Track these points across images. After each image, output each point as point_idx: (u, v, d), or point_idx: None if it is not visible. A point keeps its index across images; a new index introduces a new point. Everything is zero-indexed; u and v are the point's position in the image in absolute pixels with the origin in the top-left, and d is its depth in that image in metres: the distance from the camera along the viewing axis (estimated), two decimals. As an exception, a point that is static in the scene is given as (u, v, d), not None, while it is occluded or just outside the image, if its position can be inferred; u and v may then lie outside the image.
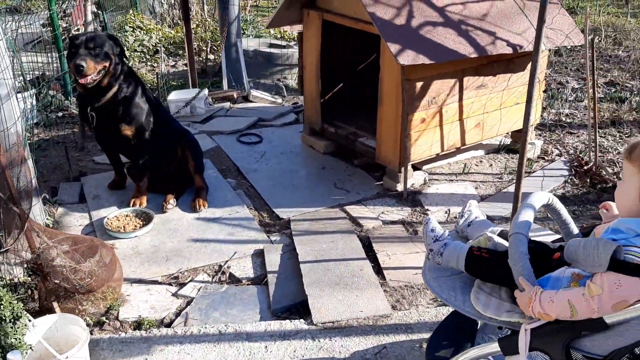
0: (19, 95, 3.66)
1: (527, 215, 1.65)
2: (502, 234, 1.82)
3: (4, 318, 2.04)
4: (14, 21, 4.99)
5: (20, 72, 4.89)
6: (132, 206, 3.58)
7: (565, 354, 1.55)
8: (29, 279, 2.93)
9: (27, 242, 2.49)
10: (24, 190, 2.36)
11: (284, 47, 6.65)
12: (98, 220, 3.51)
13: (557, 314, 1.51)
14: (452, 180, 4.05)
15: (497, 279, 1.69)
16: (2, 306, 2.04)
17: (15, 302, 2.11)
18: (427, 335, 2.47)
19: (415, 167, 4.04)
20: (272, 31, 7.58)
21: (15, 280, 2.90)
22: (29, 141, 3.40)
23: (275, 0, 10.15)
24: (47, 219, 3.43)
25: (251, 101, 5.59)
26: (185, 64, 6.59)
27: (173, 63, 6.86)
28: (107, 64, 3.29)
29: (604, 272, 1.43)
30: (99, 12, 6.16)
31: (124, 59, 3.44)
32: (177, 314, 2.76)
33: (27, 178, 2.27)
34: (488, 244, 1.77)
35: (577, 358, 1.61)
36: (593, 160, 4.10)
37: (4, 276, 2.81)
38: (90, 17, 4.12)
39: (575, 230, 1.87)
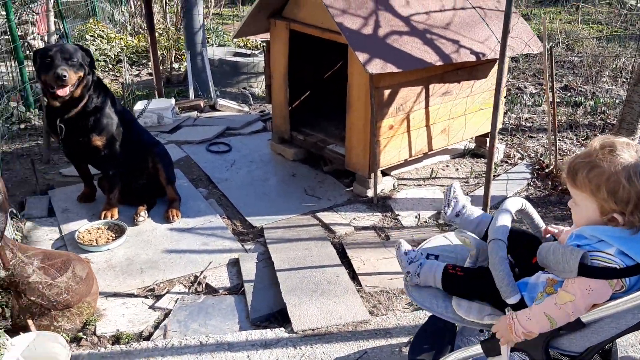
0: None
1: (504, 220, 1.73)
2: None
3: (-18, 338, 2.00)
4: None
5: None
6: (104, 219, 3.54)
7: (544, 353, 1.62)
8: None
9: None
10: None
11: (248, 55, 6.67)
12: (69, 234, 3.45)
13: (539, 329, 1.58)
14: (420, 185, 4.14)
15: (474, 296, 1.77)
16: (-20, 326, 2.00)
17: (-7, 321, 2.07)
18: (406, 340, 2.53)
19: (384, 173, 4.12)
20: (235, 40, 7.58)
21: (-15, 298, 2.84)
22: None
23: (236, 9, 10.15)
24: (16, 234, 3.36)
25: (218, 110, 5.59)
26: (149, 73, 6.54)
27: (137, 72, 6.79)
28: (81, 75, 3.26)
29: (575, 277, 1.50)
30: (57, 20, 6.06)
31: (94, 70, 3.41)
32: (156, 327, 2.75)
33: (0, 193, 2.23)
34: (472, 243, 1.84)
35: (554, 356, 1.70)
36: (553, 163, 4.26)
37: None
38: (53, 27, 4.05)
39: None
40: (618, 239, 1.48)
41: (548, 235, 1.92)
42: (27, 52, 6.26)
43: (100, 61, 6.68)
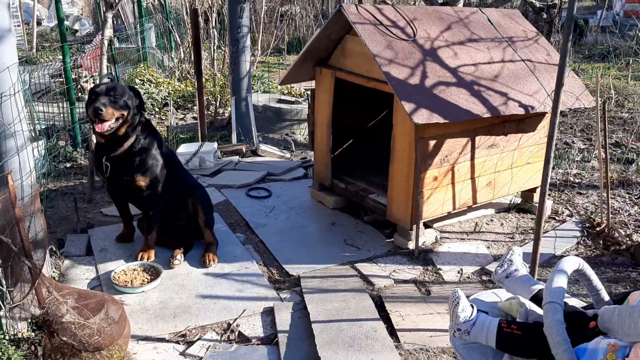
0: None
1: (560, 282, 1.61)
2: (540, 294, 1.77)
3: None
4: (26, 72, 5.07)
5: (31, 123, 4.91)
6: (140, 260, 3.52)
7: None
8: (33, 334, 2.85)
9: (35, 297, 2.42)
10: (37, 243, 2.31)
11: (292, 102, 6.73)
12: (105, 274, 3.44)
13: None
14: (463, 239, 4.00)
15: (533, 354, 1.63)
16: (9, 365, 1.95)
17: (23, 360, 2.03)
18: (447, 403, 2.37)
19: (427, 225, 4.00)
20: (279, 87, 7.69)
21: (19, 335, 2.81)
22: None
23: (282, 57, 10.36)
24: (53, 271, 3.36)
25: (260, 155, 5.60)
26: (194, 117, 6.66)
27: (182, 116, 6.92)
28: (125, 113, 3.31)
29: (642, 341, 1.37)
30: (110, 65, 6.26)
31: (142, 111, 3.46)
32: (185, 375, 2.66)
33: (41, 230, 2.22)
34: (520, 310, 1.72)
35: None
36: (605, 221, 4.07)
37: (7, 331, 2.73)
38: (105, 70, 4.16)
39: (607, 297, 1.82)
40: None
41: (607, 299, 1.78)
42: (80, 94, 6.48)
43: (148, 104, 6.84)
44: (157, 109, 6.91)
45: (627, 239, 3.95)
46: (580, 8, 16.97)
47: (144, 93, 6.84)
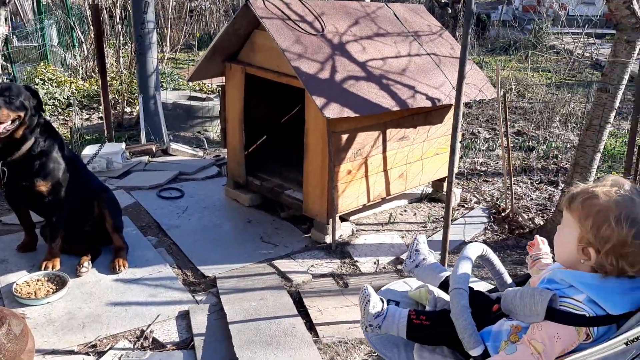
0: None
1: (465, 268, 1.66)
2: (448, 280, 1.81)
3: None
4: None
5: None
6: (44, 269, 3.32)
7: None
8: None
9: None
10: None
11: (203, 99, 6.59)
12: (6, 286, 3.22)
13: None
14: (378, 231, 4.07)
15: (442, 341, 1.67)
16: None
17: None
18: (365, 394, 2.40)
19: (343, 219, 4.04)
20: (190, 84, 7.51)
21: None
22: None
23: (192, 53, 10.13)
24: (-54, 287, 3.11)
25: (171, 154, 5.45)
26: (101, 117, 6.37)
27: (87, 116, 6.60)
28: (21, 114, 3.11)
29: (541, 322, 1.43)
30: (6, 64, 5.88)
31: (41, 112, 3.27)
32: (96, 387, 2.54)
33: None
34: (429, 297, 1.76)
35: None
36: (509, 207, 4.27)
37: None
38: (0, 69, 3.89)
39: (509, 279, 1.90)
40: (589, 286, 1.43)
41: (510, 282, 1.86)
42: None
43: (50, 105, 6.48)
44: (60, 110, 6.56)
45: (530, 222, 4.16)
46: (483, 3, 17.73)
47: (45, 93, 6.47)
